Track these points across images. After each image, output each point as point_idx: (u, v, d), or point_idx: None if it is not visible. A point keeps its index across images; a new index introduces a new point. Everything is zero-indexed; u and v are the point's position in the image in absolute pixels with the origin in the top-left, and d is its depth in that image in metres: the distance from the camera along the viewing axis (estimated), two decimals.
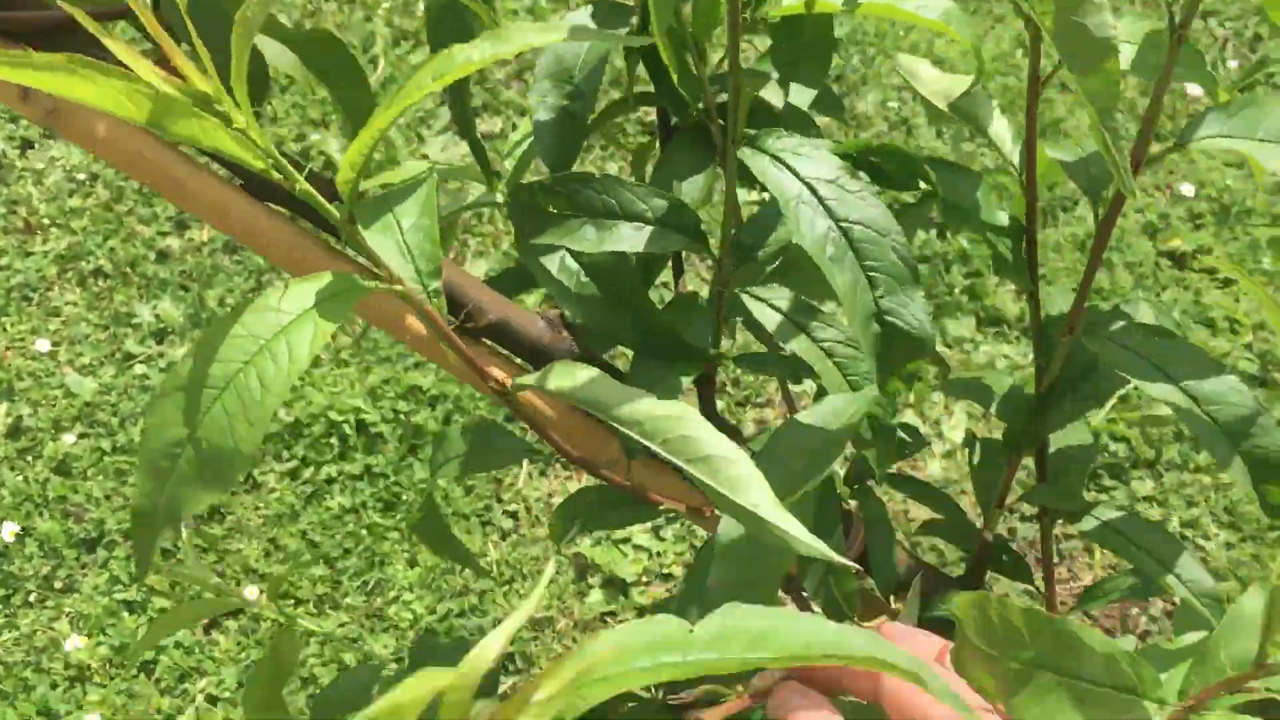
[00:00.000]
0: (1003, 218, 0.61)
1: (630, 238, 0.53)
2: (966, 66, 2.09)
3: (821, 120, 0.68)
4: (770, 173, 0.49)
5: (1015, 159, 0.63)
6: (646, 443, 0.42)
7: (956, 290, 1.88)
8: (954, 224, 0.59)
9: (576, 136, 0.57)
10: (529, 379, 0.45)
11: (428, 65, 0.37)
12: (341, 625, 1.60)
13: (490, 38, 0.36)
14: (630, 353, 0.59)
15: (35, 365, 1.81)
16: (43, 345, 1.81)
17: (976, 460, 0.67)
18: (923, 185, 0.61)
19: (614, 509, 0.58)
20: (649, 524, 1.69)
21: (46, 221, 1.96)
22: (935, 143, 2.06)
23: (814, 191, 0.50)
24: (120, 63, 0.34)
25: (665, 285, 1.72)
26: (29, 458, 1.72)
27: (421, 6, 2.03)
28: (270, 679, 0.75)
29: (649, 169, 0.64)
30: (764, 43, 0.63)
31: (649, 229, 0.54)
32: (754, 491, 0.40)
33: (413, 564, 1.65)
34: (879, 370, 0.51)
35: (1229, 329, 1.82)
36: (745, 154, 0.50)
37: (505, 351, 0.61)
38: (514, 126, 2.09)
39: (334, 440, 1.73)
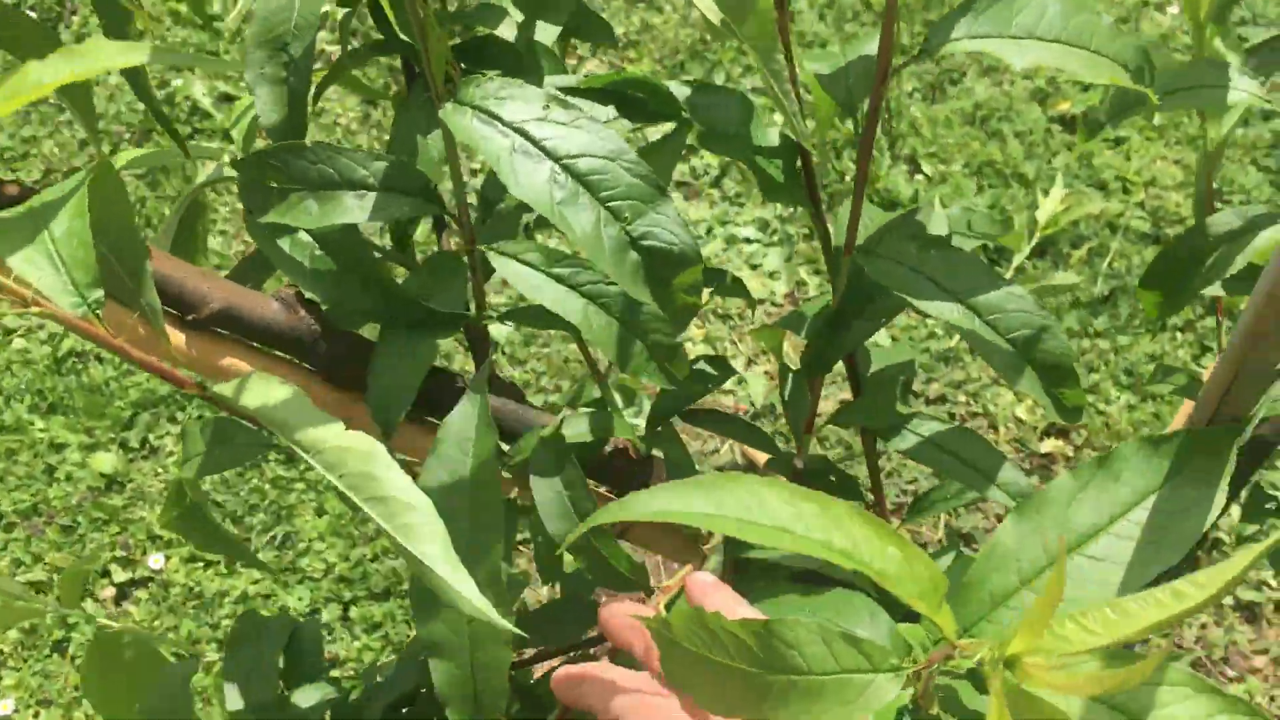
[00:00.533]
0: (773, 136, 0.58)
1: (353, 207, 0.50)
2: None
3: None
4: (474, 130, 0.45)
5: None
6: (325, 473, 0.40)
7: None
8: (715, 150, 0.56)
9: (302, 108, 0.53)
10: (225, 388, 0.42)
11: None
12: (255, 583, 1.59)
13: (66, 55, 0.33)
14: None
15: None
16: None
17: (789, 390, 0.65)
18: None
19: None
20: None
21: None
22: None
23: (526, 135, 0.46)
24: None
25: None
26: None
27: None
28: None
29: None
30: None
31: (373, 195, 0.50)
32: (427, 542, 0.38)
33: (321, 513, 1.63)
34: (656, 300, 0.48)
35: (1121, 189, 1.81)
36: (447, 112, 0.46)
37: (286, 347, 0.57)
38: None
39: None
